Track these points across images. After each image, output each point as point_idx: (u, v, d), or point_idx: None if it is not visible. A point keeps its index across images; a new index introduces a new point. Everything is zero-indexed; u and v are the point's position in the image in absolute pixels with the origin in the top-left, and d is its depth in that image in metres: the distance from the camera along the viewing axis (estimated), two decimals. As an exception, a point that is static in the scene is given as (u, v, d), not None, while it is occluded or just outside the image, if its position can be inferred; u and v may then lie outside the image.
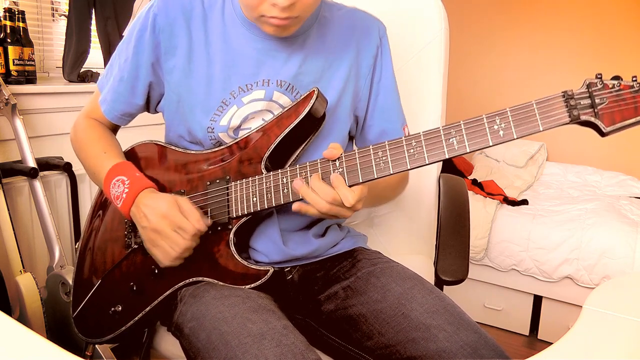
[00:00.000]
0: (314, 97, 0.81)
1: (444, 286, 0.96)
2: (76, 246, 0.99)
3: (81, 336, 0.93)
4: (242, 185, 0.82)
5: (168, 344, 0.92)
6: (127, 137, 1.02)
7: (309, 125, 0.84)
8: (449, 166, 2.63)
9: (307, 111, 0.81)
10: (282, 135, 0.82)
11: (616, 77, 0.65)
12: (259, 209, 0.80)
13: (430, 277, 0.97)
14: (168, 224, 0.78)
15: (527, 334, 2.23)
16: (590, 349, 0.55)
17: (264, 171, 0.82)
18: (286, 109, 0.83)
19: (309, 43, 0.89)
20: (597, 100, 0.64)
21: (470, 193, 2.31)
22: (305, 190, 0.74)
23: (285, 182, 0.78)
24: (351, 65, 0.92)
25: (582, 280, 2.06)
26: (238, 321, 0.70)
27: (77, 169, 1.58)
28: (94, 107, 0.96)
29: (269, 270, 0.80)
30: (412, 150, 0.71)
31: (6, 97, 1.41)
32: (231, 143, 0.86)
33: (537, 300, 2.20)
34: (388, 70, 0.96)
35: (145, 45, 0.86)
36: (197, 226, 0.79)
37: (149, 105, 0.94)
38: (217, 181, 0.85)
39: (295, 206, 0.76)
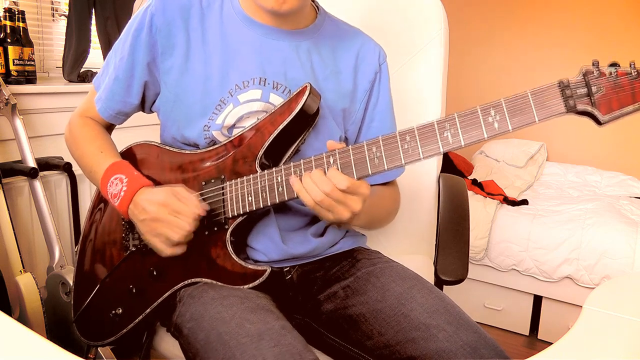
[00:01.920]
0: (307, 92, 0.81)
1: (444, 286, 0.96)
2: (76, 248, 0.99)
3: (83, 339, 0.93)
4: (237, 184, 0.82)
5: (168, 344, 0.92)
6: (124, 138, 1.01)
7: (303, 122, 0.84)
8: (449, 166, 2.63)
9: (300, 107, 0.80)
10: (276, 132, 0.81)
11: (613, 64, 0.63)
12: (254, 209, 0.80)
13: (430, 277, 0.97)
14: (167, 211, 0.78)
15: (527, 334, 2.23)
16: (590, 349, 0.55)
17: (258, 169, 0.81)
18: (279, 106, 0.83)
19: (309, 51, 0.89)
20: (593, 89, 0.63)
21: (470, 193, 2.31)
22: (300, 181, 0.74)
23: (279, 180, 0.78)
24: (348, 85, 0.92)
25: (582, 280, 2.06)
26: (236, 321, 0.70)
27: (77, 168, 1.57)
28: (89, 106, 0.95)
29: (266, 269, 0.79)
30: (406, 146, 0.70)
31: (6, 97, 1.41)
32: (225, 141, 0.86)
33: (537, 300, 2.20)
34: (385, 97, 0.96)
35: (142, 44, 0.86)
36: (196, 210, 0.79)
37: (144, 104, 0.94)
38: (212, 181, 0.85)
39: (292, 179, 0.75)
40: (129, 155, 0.94)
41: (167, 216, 0.78)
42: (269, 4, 0.80)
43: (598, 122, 0.64)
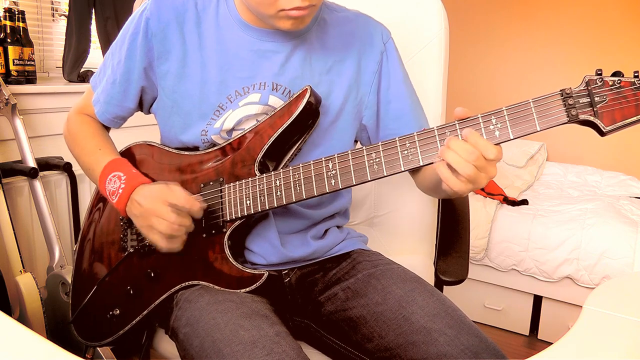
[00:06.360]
0: (307, 95, 0.80)
1: (444, 286, 0.96)
2: (75, 247, 0.99)
3: (81, 339, 0.92)
4: (236, 187, 0.81)
5: (167, 344, 0.92)
6: (124, 138, 1.01)
7: (303, 125, 0.83)
8: (449, 166, 2.63)
9: (299, 110, 0.80)
10: (275, 135, 0.81)
11: (617, 73, 0.62)
12: (252, 212, 0.80)
13: (430, 278, 0.97)
14: (161, 204, 0.77)
15: (527, 334, 2.23)
16: (590, 349, 0.55)
17: (257, 173, 0.81)
18: (279, 109, 0.82)
19: (308, 46, 0.88)
20: (596, 98, 0.62)
21: (470, 193, 2.31)
22: (446, 150, 0.66)
23: (278, 184, 0.77)
24: (352, 71, 0.90)
25: (582, 280, 2.05)
26: (230, 328, 0.70)
27: (77, 169, 1.58)
28: (87, 103, 0.95)
29: (263, 274, 0.79)
30: (405, 152, 0.69)
31: (6, 97, 1.41)
32: (224, 144, 0.86)
33: (537, 300, 2.20)
34: (397, 76, 0.93)
35: (138, 49, 0.86)
36: (190, 204, 0.78)
37: (142, 106, 0.94)
38: (211, 183, 0.84)
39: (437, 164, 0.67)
40: (128, 155, 0.93)
41: (160, 208, 0.77)
42: (286, 26, 0.78)
43: (600, 133, 0.63)
